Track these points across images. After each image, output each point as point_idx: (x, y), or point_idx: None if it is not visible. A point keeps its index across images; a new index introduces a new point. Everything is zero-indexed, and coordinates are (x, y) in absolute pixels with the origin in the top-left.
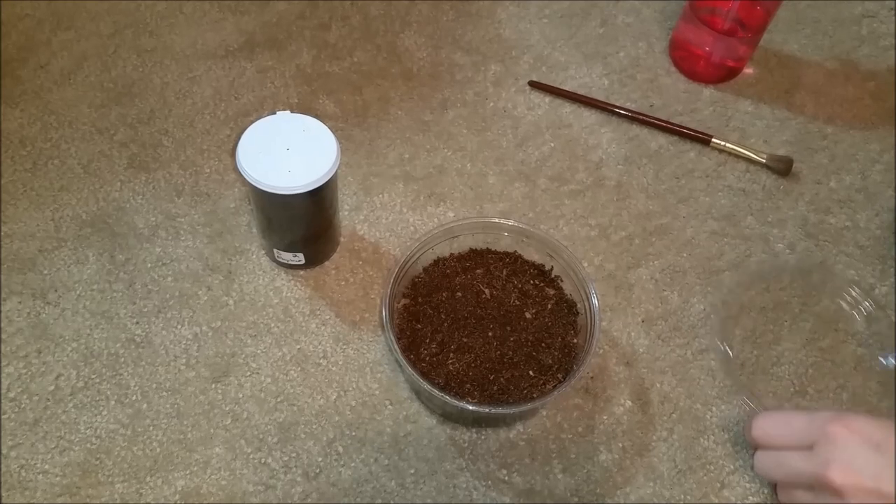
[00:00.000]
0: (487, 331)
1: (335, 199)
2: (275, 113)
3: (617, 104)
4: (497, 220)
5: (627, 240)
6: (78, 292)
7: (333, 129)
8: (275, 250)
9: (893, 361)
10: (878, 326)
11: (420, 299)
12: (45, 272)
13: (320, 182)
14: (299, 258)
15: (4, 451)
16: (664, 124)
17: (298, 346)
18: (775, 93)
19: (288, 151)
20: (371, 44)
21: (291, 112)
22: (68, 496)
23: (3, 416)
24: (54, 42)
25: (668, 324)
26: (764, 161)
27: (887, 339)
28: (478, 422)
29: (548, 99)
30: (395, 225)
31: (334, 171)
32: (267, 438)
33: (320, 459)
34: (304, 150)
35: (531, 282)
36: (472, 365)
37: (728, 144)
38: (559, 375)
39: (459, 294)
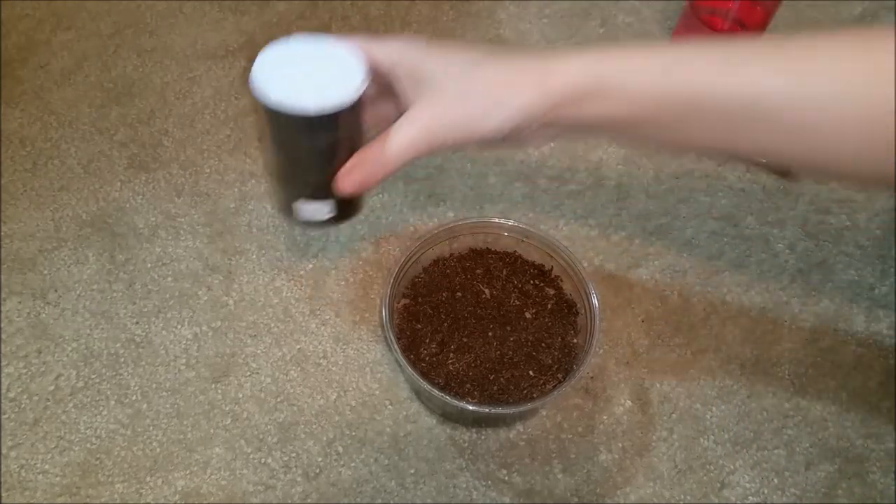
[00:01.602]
0: (487, 331)
1: (364, 128)
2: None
3: None
4: (497, 220)
5: (627, 240)
6: (78, 292)
7: None
8: (299, 204)
9: None
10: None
11: (420, 299)
12: (45, 272)
13: (352, 97)
14: (328, 208)
15: (4, 451)
16: None
17: (298, 346)
18: None
19: (310, 72)
20: None
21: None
22: (68, 496)
23: (3, 416)
24: (54, 42)
25: (669, 324)
26: (764, 161)
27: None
28: (478, 422)
29: None
30: (395, 225)
31: (364, 86)
32: (267, 438)
33: (320, 459)
34: (328, 69)
35: (531, 282)
36: (472, 365)
37: None
38: (559, 375)
39: (459, 294)
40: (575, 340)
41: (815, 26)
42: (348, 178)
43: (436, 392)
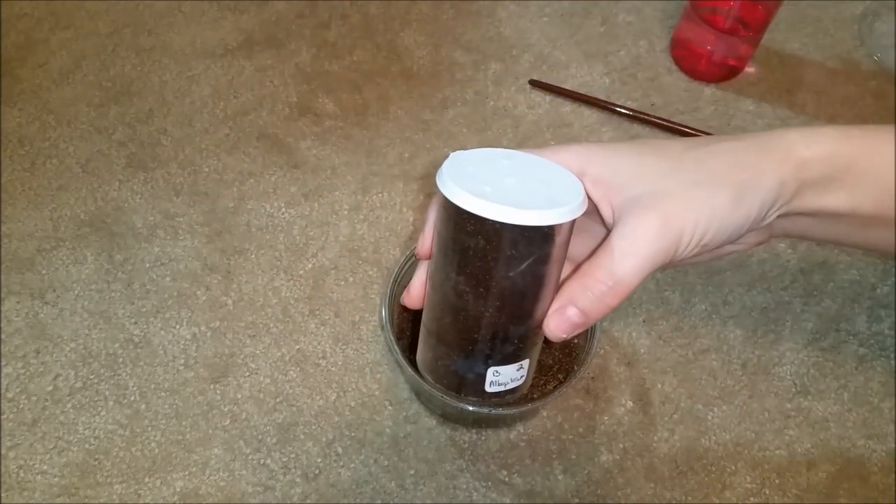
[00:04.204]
0: None
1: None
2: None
3: (618, 103)
4: None
5: None
6: (76, 292)
7: (332, 129)
8: (490, 370)
9: None
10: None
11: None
12: (44, 272)
13: (579, 208)
14: (523, 371)
15: (3, 452)
16: (665, 123)
17: (297, 347)
18: (777, 92)
19: (518, 181)
20: (371, 42)
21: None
22: (67, 497)
23: (1, 417)
24: (53, 41)
25: (670, 324)
26: None
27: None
28: (478, 422)
29: (548, 98)
30: (395, 224)
31: (586, 199)
32: (266, 439)
33: (320, 460)
34: (538, 179)
35: None
36: None
37: None
38: (560, 376)
39: None
40: (575, 341)
41: (817, 24)
42: (561, 318)
43: (436, 392)
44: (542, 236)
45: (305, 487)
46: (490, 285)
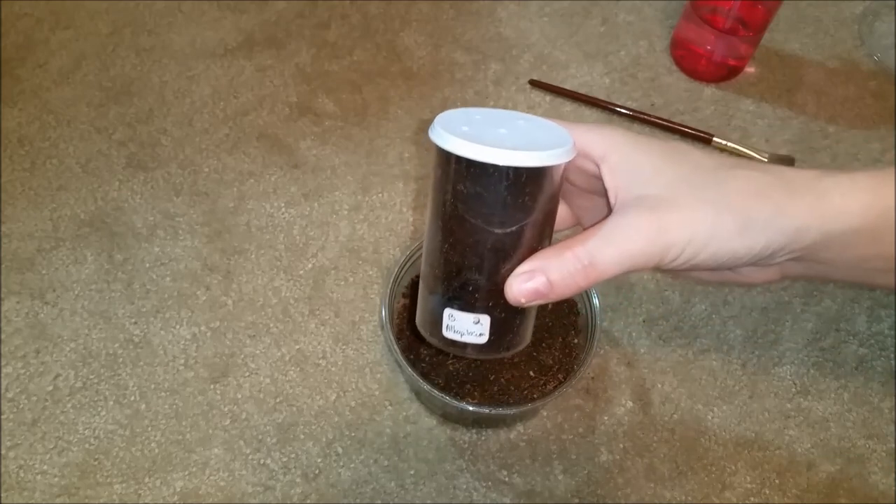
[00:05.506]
0: None
1: (553, 220)
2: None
3: (618, 103)
4: None
5: None
6: (76, 292)
7: (332, 129)
8: (448, 312)
9: None
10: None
11: None
12: (44, 272)
13: (566, 155)
14: (482, 328)
15: (3, 452)
16: (665, 123)
17: (297, 347)
18: (777, 92)
19: (508, 130)
20: (371, 42)
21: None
22: (67, 497)
23: (1, 417)
24: (53, 41)
25: (670, 324)
26: (765, 160)
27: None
28: (478, 422)
29: (548, 98)
30: (395, 224)
31: (576, 151)
32: (266, 439)
33: (319, 460)
34: (527, 130)
35: None
36: (472, 365)
37: (729, 144)
38: (560, 376)
39: None
40: (576, 340)
41: (817, 24)
42: (526, 281)
43: (436, 392)
44: (489, 178)
45: (305, 487)
46: (443, 218)
